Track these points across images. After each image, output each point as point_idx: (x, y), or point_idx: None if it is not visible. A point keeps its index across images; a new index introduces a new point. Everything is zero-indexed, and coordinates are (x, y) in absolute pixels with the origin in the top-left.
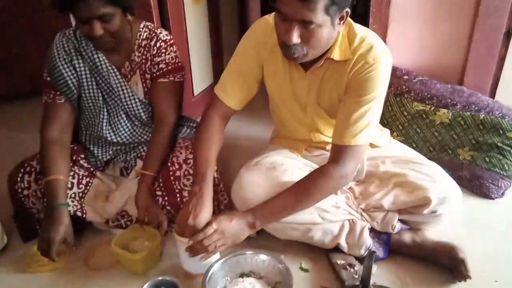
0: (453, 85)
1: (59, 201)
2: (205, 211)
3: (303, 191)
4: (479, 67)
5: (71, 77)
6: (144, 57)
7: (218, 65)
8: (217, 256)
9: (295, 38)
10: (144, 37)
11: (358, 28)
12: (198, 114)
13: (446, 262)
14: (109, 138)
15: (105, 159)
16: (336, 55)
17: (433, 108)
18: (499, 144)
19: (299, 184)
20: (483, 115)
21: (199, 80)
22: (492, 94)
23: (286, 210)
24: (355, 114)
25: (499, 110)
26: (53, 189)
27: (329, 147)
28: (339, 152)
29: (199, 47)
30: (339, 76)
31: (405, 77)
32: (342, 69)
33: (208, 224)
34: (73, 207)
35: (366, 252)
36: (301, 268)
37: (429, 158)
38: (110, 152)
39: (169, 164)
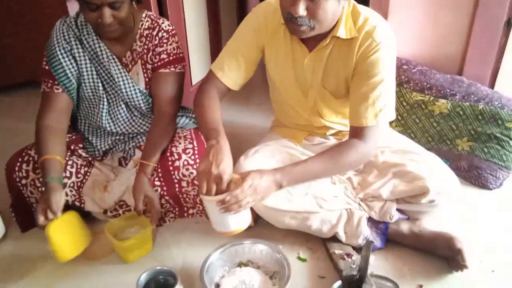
0: (452, 75)
1: (51, 176)
2: (227, 160)
3: (331, 160)
4: (479, 57)
5: (70, 67)
6: (146, 47)
7: (217, 55)
8: (248, 211)
9: (301, 10)
10: (146, 26)
11: (362, 8)
12: None
13: (444, 252)
14: (108, 128)
15: (103, 149)
16: (341, 33)
17: (432, 98)
18: (498, 135)
19: (328, 153)
20: (482, 106)
21: (198, 70)
22: (492, 84)
23: (313, 175)
24: (371, 95)
25: (498, 100)
26: (46, 167)
27: (329, 132)
28: (360, 133)
29: (198, 36)
30: (347, 55)
31: (405, 67)
32: (348, 48)
33: (232, 180)
34: (71, 196)
35: (364, 242)
36: (299, 258)
37: (428, 149)
38: (109, 142)
39: (168, 154)
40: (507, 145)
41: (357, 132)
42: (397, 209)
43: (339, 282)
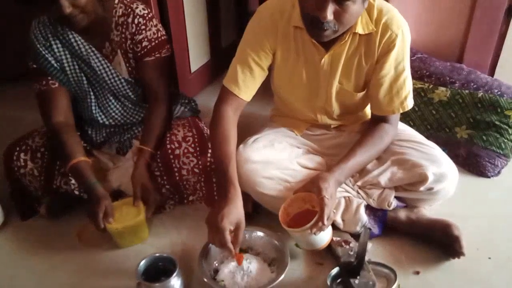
0: (452, 62)
1: (90, 181)
2: (234, 214)
3: (374, 147)
4: (479, 44)
5: (54, 62)
6: (123, 35)
7: (215, 42)
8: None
9: (329, 15)
10: (120, 13)
11: None
12: (195, 91)
13: (441, 239)
14: (100, 121)
15: (99, 141)
16: (359, 29)
17: (431, 86)
18: (497, 123)
19: (369, 141)
20: (481, 93)
21: (196, 57)
22: (492, 72)
23: (361, 165)
24: (396, 85)
25: (497, 88)
26: (79, 172)
27: (332, 126)
28: (385, 119)
29: (196, 23)
30: (367, 50)
31: None
32: (367, 42)
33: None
34: (70, 185)
35: (362, 229)
36: (297, 245)
37: (426, 136)
38: (104, 134)
39: (167, 143)
40: (506, 133)
41: (382, 119)
42: (395, 197)
43: (336, 269)
